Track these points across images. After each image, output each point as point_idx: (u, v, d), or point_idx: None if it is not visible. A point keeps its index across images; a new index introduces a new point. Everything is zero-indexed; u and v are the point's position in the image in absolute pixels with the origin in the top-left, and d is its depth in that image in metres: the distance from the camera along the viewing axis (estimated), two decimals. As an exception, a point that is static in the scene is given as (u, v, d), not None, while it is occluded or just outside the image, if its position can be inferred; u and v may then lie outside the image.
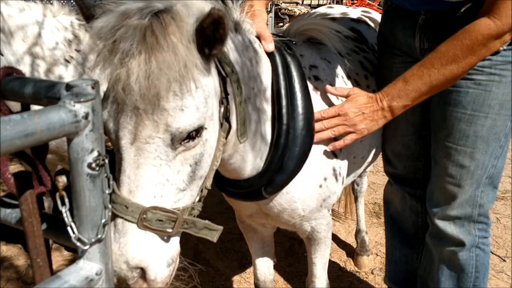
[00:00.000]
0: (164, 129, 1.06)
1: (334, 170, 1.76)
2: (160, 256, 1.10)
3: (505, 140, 1.77)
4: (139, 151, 1.07)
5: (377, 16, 2.48)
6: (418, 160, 2.07)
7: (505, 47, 1.61)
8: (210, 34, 1.09)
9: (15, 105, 0.88)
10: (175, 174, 1.11)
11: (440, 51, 1.54)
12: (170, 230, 1.10)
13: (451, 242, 1.90)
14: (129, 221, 1.05)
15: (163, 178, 1.09)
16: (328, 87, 1.72)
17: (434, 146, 1.88)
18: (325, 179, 1.74)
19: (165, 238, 1.13)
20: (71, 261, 3.03)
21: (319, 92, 1.75)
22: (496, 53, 1.62)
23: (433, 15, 1.73)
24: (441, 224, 1.89)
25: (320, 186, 1.73)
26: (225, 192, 1.73)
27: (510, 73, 1.65)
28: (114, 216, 1.07)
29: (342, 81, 1.88)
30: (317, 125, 1.64)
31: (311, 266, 2.09)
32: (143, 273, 1.08)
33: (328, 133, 1.65)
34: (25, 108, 0.87)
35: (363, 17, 2.41)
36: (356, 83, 1.94)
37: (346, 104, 1.65)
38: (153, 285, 1.09)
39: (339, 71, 1.89)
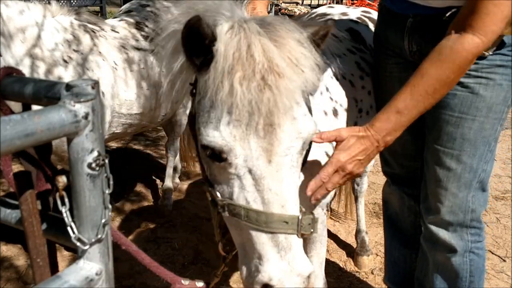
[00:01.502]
0: (296, 137, 1.11)
1: None
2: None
3: (494, 144, 1.76)
4: (279, 166, 1.09)
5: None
6: (415, 160, 2.08)
7: (491, 52, 1.61)
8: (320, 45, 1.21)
9: (14, 106, 0.88)
10: (297, 178, 1.16)
11: (431, 76, 1.46)
12: (312, 230, 1.13)
13: (444, 247, 1.89)
14: (291, 234, 1.08)
15: (295, 184, 1.14)
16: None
17: (426, 149, 1.88)
18: None
19: None
20: (71, 261, 3.03)
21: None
22: (482, 58, 1.62)
23: (421, 18, 1.73)
24: (433, 228, 1.89)
25: None
26: None
27: (498, 76, 1.65)
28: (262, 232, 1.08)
29: (334, 81, 1.88)
30: (320, 191, 1.47)
31: None
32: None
33: (324, 190, 1.48)
34: (27, 108, 0.87)
35: (362, 17, 2.41)
36: (350, 84, 1.94)
37: (340, 156, 1.46)
38: (311, 285, 1.13)
39: (331, 71, 1.89)
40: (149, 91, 2.98)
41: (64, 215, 0.81)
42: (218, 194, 1.16)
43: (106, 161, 0.82)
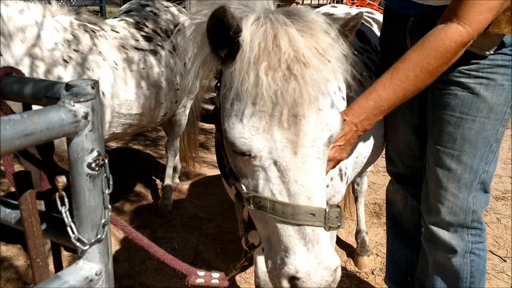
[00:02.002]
0: (322, 129, 1.09)
1: (340, 170, 1.76)
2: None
3: (496, 145, 1.75)
4: (304, 157, 1.07)
5: (380, 17, 2.49)
6: (419, 160, 2.07)
7: (492, 52, 1.60)
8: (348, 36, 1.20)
9: (14, 106, 0.88)
10: (324, 171, 1.14)
11: (412, 61, 1.46)
12: (339, 224, 1.11)
13: (444, 248, 1.89)
14: (318, 226, 1.06)
15: (322, 177, 1.12)
16: None
17: (427, 149, 1.88)
18: (331, 178, 1.74)
19: None
20: (71, 261, 3.03)
21: None
22: (483, 57, 1.61)
23: (422, 17, 1.73)
24: (434, 229, 1.88)
25: (327, 186, 1.72)
26: None
27: (499, 77, 1.63)
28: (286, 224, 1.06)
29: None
30: None
31: None
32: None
33: None
34: (27, 108, 0.87)
35: (366, 18, 2.42)
36: (360, 84, 1.94)
37: None
38: (337, 279, 1.10)
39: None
40: (149, 91, 2.97)
41: (64, 215, 0.80)
42: (243, 187, 1.14)
43: (106, 161, 0.81)
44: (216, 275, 1.24)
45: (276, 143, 1.06)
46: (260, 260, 2.20)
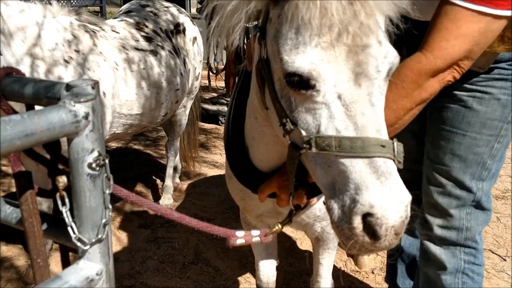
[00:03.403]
0: (382, 62, 1.07)
1: None
2: None
3: (491, 162, 1.65)
4: (369, 89, 1.05)
5: None
6: (420, 163, 2.06)
7: (487, 69, 1.50)
8: None
9: (15, 106, 0.88)
10: (383, 109, 1.10)
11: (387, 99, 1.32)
12: (401, 162, 1.06)
13: (435, 263, 1.81)
14: (389, 158, 1.01)
15: (383, 112, 1.08)
16: None
17: (423, 161, 1.81)
18: None
19: None
20: (72, 261, 3.03)
21: None
22: (477, 74, 1.52)
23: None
24: (426, 243, 1.82)
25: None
26: (254, 187, 1.59)
27: (496, 90, 1.54)
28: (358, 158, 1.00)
29: None
30: None
31: (317, 266, 2.08)
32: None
33: None
34: (30, 108, 0.87)
35: None
36: None
37: None
38: (408, 218, 1.03)
39: None
40: (149, 91, 2.98)
41: (65, 215, 0.81)
42: (302, 132, 1.08)
43: (106, 161, 0.81)
44: (256, 232, 1.20)
45: (341, 75, 1.04)
46: (263, 264, 2.20)
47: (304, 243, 3.36)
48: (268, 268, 2.20)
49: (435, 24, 1.29)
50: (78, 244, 0.82)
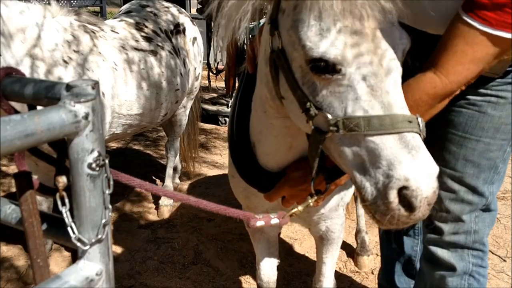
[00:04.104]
0: (397, 43, 1.12)
1: None
2: None
3: (503, 165, 1.64)
4: (390, 69, 1.10)
5: None
6: None
7: (501, 74, 1.47)
8: None
9: (16, 106, 0.88)
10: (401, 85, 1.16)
11: None
12: (425, 135, 1.10)
13: (442, 266, 1.78)
14: (417, 133, 1.05)
15: (401, 89, 1.13)
16: None
17: None
18: None
19: None
20: (72, 261, 3.03)
21: None
22: (493, 79, 1.50)
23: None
24: (433, 248, 1.79)
25: None
26: (260, 186, 1.60)
27: (510, 94, 1.51)
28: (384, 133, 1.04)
29: None
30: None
31: (320, 265, 2.08)
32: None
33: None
34: (32, 109, 0.87)
35: None
36: None
37: None
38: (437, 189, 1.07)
39: None
40: (149, 92, 2.98)
41: (64, 215, 0.81)
42: (328, 116, 1.10)
43: (106, 161, 0.82)
44: (274, 214, 1.23)
45: (364, 57, 1.08)
46: (264, 263, 2.20)
47: (304, 244, 3.36)
48: (269, 268, 2.20)
49: (450, 45, 1.28)
50: (78, 244, 0.82)
